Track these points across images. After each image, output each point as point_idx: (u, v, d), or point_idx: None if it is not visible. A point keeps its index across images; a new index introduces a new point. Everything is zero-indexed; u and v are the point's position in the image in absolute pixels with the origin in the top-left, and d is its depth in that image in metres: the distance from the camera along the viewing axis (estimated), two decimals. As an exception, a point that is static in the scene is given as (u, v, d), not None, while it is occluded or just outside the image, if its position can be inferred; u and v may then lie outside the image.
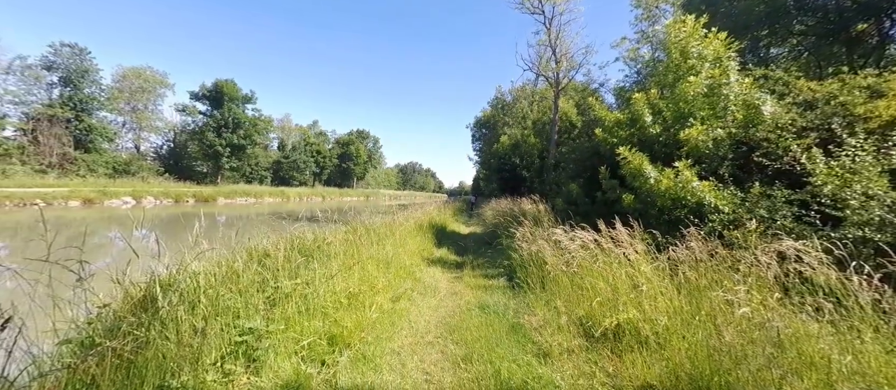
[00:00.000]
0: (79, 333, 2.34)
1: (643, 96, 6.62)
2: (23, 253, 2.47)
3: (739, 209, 4.47)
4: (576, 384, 3.00)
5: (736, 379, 2.33)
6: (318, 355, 3.37)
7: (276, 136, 62.45)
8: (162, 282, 3.10)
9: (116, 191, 25.62)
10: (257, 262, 4.57)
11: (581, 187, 8.71)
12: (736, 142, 5.19)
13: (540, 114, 25.78)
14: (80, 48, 34.86)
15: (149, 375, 2.22)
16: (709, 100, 5.69)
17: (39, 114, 30.66)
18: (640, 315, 3.50)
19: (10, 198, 19.05)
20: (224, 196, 34.10)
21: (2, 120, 28.93)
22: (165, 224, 15.35)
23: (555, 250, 5.52)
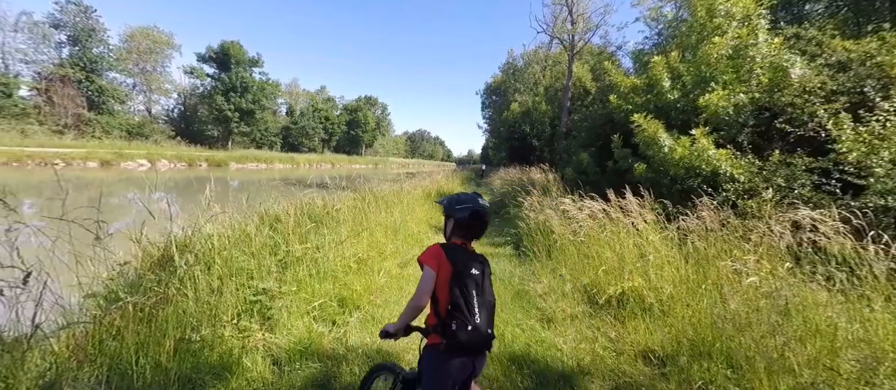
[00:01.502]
0: (103, 288, 2.47)
1: (662, 60, 6.30)
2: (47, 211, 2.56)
3: (756, 178, 4.34)
4: (578, 348, 3.08)
5: (738, 345, 2.36)
6: (329, 315, 3.50)
7: (284, 102, 62.00)
8: (178, 244, 3.20)
9: (132, 153, 26.11)
10: (269, 227, 4.68)
11: (592, 156, 8.55)
12: (758, 107, 4.95)
13: (552, 79, 24.89)
14: (86, 6, 34.29)
15: (170, 329, 2.35)
16: (733, 62, 5.38)
17: (51, 74, 30.68)
18: (645, 283, 3.52)
19: (31, 158, 19.61)
20: (236, 161, 34.52)
21: (15, 79, 29.14)
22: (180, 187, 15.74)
23: (562, 219, 5.52)
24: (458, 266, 1.47)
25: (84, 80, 32.76)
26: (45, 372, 1.75)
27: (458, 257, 1.49)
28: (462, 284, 1.45)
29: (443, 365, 1.47)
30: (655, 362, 2.75)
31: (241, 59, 43.38)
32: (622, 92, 7.20)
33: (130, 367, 2.08)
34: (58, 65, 31.72)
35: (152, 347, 2.22)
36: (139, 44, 40.91)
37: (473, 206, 1.57)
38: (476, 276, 1.49)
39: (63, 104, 30.31)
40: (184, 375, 2.21)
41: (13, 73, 30.08)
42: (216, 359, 2.42)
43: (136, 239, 3.27)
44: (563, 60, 21.47)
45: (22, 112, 27.35)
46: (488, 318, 1.49)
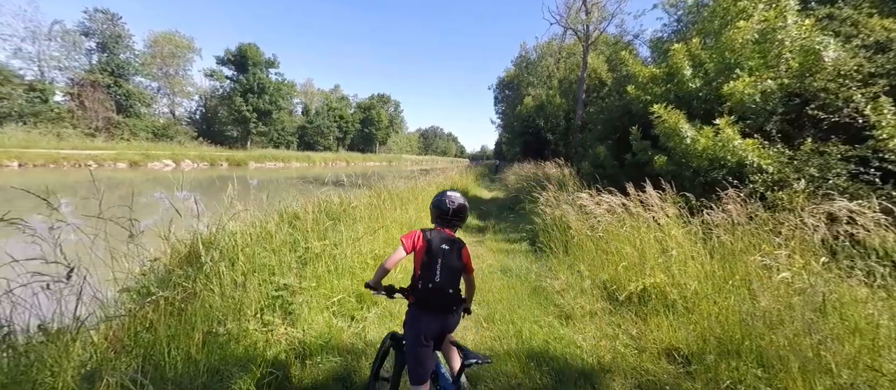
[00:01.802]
0: (136, 283, 2.58)
1: (683, 47, 6.09)
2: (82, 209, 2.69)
3: (786, 168, 4.16)
4: (598, 345, 3.03)
5: (769, 343, 2.28)
6: (348, 311, 3.56)
7: (299, 101, 63.04)
8: (204, 241, 3.31)
9: (158, 154, 27.16)
10: (288, 224, 4.79)
11: (609, 149, 8.37)
12: (788, 94, 4.72)
13: (567, 71, 24.42)
14: (112, 14, 35.69)
15: (198, 322, 2.43)
16: (760, 47, 5.14)
17: (83, 80, 32.16)
18: (667, 279, 3.43)
19: (67, 159, 20.65)
20: (255, 160, 35.41)
21: (51, 85, 30.62)
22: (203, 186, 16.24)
23: (579, 215, 5.43)
24: (431, 244, 1.85)
25: (112, 84, 34.20)
26: (87, 361, 1.85)
27: (432, 237, 1.87)
28: (430, 256, 1.83)
29: (415, 320, 1.85)
30: (680, 360, 2.68)
31: (257, 60, 44.34)
32: (640, 82, 6.99)
33: (163, 358, 2.17)
34: (88, 71, 33.22)
35: (183, 339, 2.30)
36: (162, 48, 42.32)
37: (436, 203, 2.00)
38: (444, 250, 1.85)
39: (94, 108, 31.74)
40: (212, 367, 2.29)
41: (48, 79, 31.58)
42: (242, 352, 2.50)
43: (165, 236, 3.40)
44: (578, 52, 21.03)
45: (57, 116, 28.78)
46: (449, 278, 1.84)
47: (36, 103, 27.69)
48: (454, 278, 1.87)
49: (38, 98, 28.31)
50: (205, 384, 2.17)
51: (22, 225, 1.99)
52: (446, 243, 1.87)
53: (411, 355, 1.84)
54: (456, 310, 1.90)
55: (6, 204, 7.91)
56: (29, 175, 17.11)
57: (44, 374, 1.70)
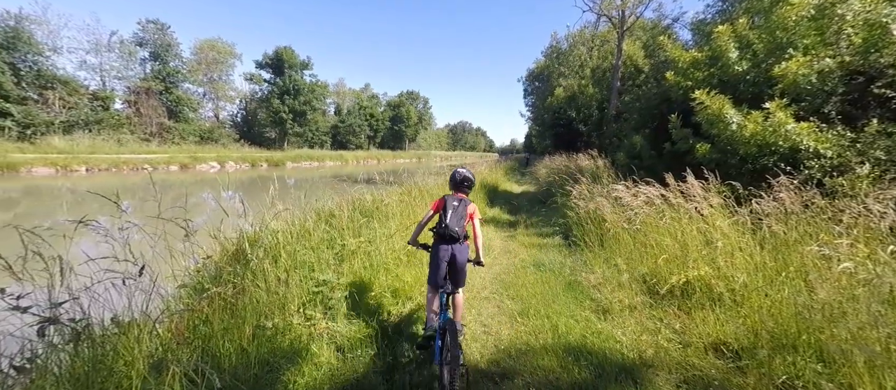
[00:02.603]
0: (191, 279, 2.81)
1: (729, 28, 5.69)
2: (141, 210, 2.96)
3: (847, 152, 3.81)
4: (639, 339, 2.95)
5: (830, 337, 2.12)
6: (385, 306, 3.67)
7: (332, 101, 64.99)
8: (249, 239, 3.53)
9: (204, 156, 29.01)
10: (325, 222, 4.99)
11: (646, 139, 8.01)
12: (849, 72, 4.31)
13: (600, 60, 23.50)
14: (162, 23, 38.35)
15: (248, 316, 2.61)
16: (816, 23, 4.72)
17: (138, 88, 34.86)
18: (713, 272, 3.27)
19: (126, 164, 22.58)
20: (291, 160, 36.95)
21: (111, 93, 33.46)
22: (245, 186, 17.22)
23: (615, 207, 5.26)
24: (446, 201, 2.81)
25: (164, 91, 36.73)
26: (154, 352, 2.04)
27: (447, 199, 2.82)
28: (444, 207, 2.79)
29: (435, 246, 2.82)
30: (729, 355, 2.55)
31: (293, 62, 46.08)
32: (680, 67, 6.62)
33: (219, 350, 2.35)
34: (143, 79, 35.84)
35: (235, 333, 2.48)
36: (206, 55, 44.93)
37: (450, 176, 3.05)
38: (454, 205, 2.78)
39: (148, 114, 34.30)
40: (261, 359, 2.45)
41: (109, 88, 34.49)
42: (288, 345, 2.66)
43: (215, 235, 3.66)
44: (612, 39, 20.18)
45: (117, 123, 31.35)
46: (456, 222, 2.72)
47: (99, 111, 30.31)
48: (460, 223, 2.75)
49: (101, 106, 30.99)
50: (256, 375, 2.33)
51: (95, 226, 2.22)
52: (456, 201, 2.82)
53: (432, 266, 2.82)
54: (462, 243, 2.78)
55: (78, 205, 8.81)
56: (95, 179, 18.89)
57: (118, 364, 1.90)
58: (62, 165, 19.62)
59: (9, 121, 23.15)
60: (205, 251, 3.18)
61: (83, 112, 28.66)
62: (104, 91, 33.03)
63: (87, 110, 29.19)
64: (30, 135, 24.04)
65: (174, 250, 2.74)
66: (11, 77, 23.87)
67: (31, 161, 18.92)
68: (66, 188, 15.41)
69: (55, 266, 1.88)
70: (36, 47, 26.66)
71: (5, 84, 23.11)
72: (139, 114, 33.83)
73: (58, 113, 26.92)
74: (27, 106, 24.69)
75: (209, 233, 3.61)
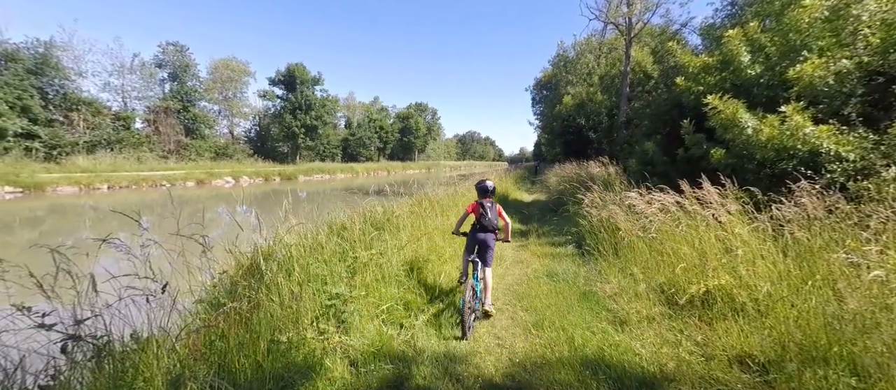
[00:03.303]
0: (207, 294, 2.84)
1: (739, 32, 5.63)
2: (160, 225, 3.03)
3: (871, 154, 3.68)
4: (659, 352, 2.86)
5: (863, 349, 2.02)
6: (397, 318, 3.65)
7: (342, 115, 66.13)
8: (263, 253, 3.57)
9: (220, 172, 29.77)
10: (337, 235, 5.03)
11: (658, 145, 7.89)
12: (868, 73, 4.20)
13: (608, 67, 23.39)
14: (181, 45, 39.90)
15: (263, 331, 2.63)
16: (831, 25, 4.63)
17: (158, 107, 36.12)
18: (734, 281, 3.17)
19: (145, 181, 23.28)
20: (303, 174, 37.56)
21: (133, 113, 34.74)
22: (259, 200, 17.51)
23: (628, 215, 5.17)
24: (482, 205, 3.96)
25: (182, 110, 38.00)
26: (172, 367, 2.07)
27: (482, 202, 3.98)
28: (482, 210, 3.94)
29: (473, 232, 4.02)
30: (755, 368, 2.45)
31: (304, 78, 47.23)
32: (691, 72, 6.55)
33: (235, 365, 2.36)
34: (162, 99, 37.19)
35: (250, 348, 2.50)
36: (221, 74, 46.40)
37: (478, 187, 4.16)
38: (487, 206, 3.95)
39: (167, 133, 35.46)
40: (276, 374, 2.45)
41: (130, 108, 35.83)
42: (302, 360, 2.65)
43: (230, 250, 3.72)
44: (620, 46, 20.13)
45: (137, 142, 32.49)
46: (492, 217, 3.93)
47: (120, 131, 31.48)
48: (493, 220, 3.95)
49: (122, 126, 32.17)
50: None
51: (117, 244, 2.28)
52: (488, 203, 3.98)
53: (468, 242, 4.08)
54: (493, 233, 3.96)
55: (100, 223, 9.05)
56: (116, 196, 19.49)
57: (138, 380, 1.92)
58: (85, 184, 20.34)
59: (37, 142, 24.15)
60: (220, 266, 3.23)
61: (106, 132, 29.79)
62: (126, 111, 34.31)
63: (110, 130, 30.32)
64: (56, 155, 25.02)
65: (191, 265, 2.79)
66: (39, 101, 24.98)
67: (57, 180, 19.66)
68: (88, 206, 15.91)
69: (81, 284, 1.93)
70: (62, 72, 27.94)
71: (34, 108, 24.19)
72: (158, 132, 35.00)
73: (82, 133, 28.02)
74: (54, 128, 25.77)
75: (225, 248, 3.67)
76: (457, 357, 3.05)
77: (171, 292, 2.33)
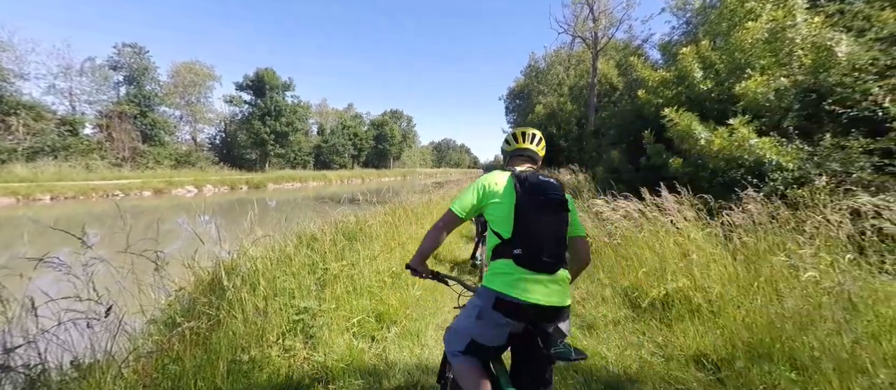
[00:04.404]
0: (161, 314, 2.67)
1: (692, 49, 6.06)
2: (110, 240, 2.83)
3: (806, 164, 4.04)
4: (623, 354, 2.96)
5: (801, 345, 2.19)
6: (368, 331, 3.57)
7: (314, 122, 64.67)
8: (226, 267, 3.41)
9: (180, 180, 28.05)
10: (306, 246, 4.88)
11: (623, 154, 8.29)
12: (803, 90, 4.62)
13: (577, 78, 24.39)
14: (139, 47, 37.64)
15: (223, 351, 2.49)
16: (770, 46, 5.08)
17: (111, 112, 33.74)
18: (690, 283, 3.35)
19: (95, 190, 21.56)
20: (273, 182, 36.22)
21: (81, 118, 32.26)
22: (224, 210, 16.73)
23: (596, 221, 5.36)
24: None
25: (139, 115, 35.77)
26: (119, 395, 1.92)
27: None
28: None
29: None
30: (709, 367, 2.59)
31: (274, 84, 45.90)
32: (651, 86, 6.96)
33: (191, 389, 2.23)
34: (116, 103, 34.85)
35: (208, 370, 2.36)
36: (184, 78, 44.21)
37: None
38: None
39: (121, 139, 33.20)
40: (237, 395, 2.33)
41: (79, 113, 33.31)
42: (265, 379, 2.54)
43: (189, 265, 3.52)
44: (587, 59, 21.02)
45: (87, 148, 30.15)
46: None
47: (66, 137, 29.15)
48: None
49: (69, 131, 29.83)
50: (230, 413, 2.21)
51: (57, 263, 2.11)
52: None
53: None
54: None
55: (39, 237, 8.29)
56: (59, 208, 17.96)
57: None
58: (24, 194, 18.60)
59: (-35, 149, 21.96)
60: (177, 282, 3.05)
61: (50, 138, 27.45)
62: (73, 116, 31.87)
63: (54, 136, 27.98)
64: (-10, 163, 22.85)
65: (144, 283, 2.62)
66: (-30, 104, 22.80)
67: (-11, 190, 17.92)
68: (27, 218, 14.59)
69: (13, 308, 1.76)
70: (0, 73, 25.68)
71: (-37, 111, 22.03)
72: (111, 138, 32.74)
73: (21, 139, 25.73)
74: (-13, 133, 23.56)
75: (183, 263, 3.47)
76: (430, 369, 3.03)
77: (119, 313, 2.17)
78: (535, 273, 1.38)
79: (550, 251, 1.39)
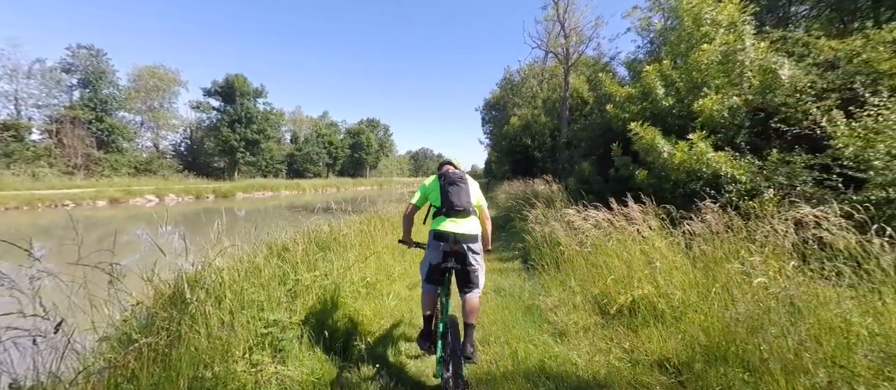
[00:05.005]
0: (116, 330, 2.50)
1: (655, 68, 6.43)
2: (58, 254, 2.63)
3: (757, 177, 4.36)
4: (592, 360, 3.04)
5: (753, 348, 2.34)
6: (341, 344, 3.50)
7: (288, 129, 63.11)
8: (189, 279, 3.25)
9: (140, 189, 26.43)
10: (277, 256, 4.73)
11: (593, 165, 8.60)
12: (753, 109, 5.01)
13: (550, 92, 25.18)
14: (97, 49, 35.53)
15: (184, 368, 2.36)
16: (723, 67, 5.49)
17: (62, 117, 31.50)
18: (655, 290, 3.50)
19: (42, 201, 19.90)
20: (242, 191, 34.84)
21: (28, 123, 29.97)
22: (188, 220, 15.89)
23: (568, 230, 5.51)
24: None
25: (94, 120, 33.63)
26: (65, 419, 1.78)
27: None
28: None
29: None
30: (672, 370, 2.71)
31: (245, 90, 44.57)
32: (618, 101, 7.31)
33: (146, 409, 2.10)
34: (69, 107, 32.64)
35: (167, 387, 2.23)
36: (146, 82, 42.10)
37: None
38: None
39: (73, 145, 31.03)
40: (198, 414, 2.21)
41: (25, 117, 30.96)
42: (229, 396, 2.43)
43: (148, 278, 3.33)
44: (559, 73, 21.81)
45: (34, 155, 28.01)
46: None
47: (9, 142, 26.98)
48: None
49: (12, 137, 27.62)
50: (190, 433, 2.09)
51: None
52: None
53: None
54: None
55: (-20, 251, 7.41)
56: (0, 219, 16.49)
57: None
58: (-44, 205, 17.00)
59: None
60: (135, 296, 2.87)
61: (-11, 144, 25.33)
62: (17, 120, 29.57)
63: (-6, 142, 25.86)
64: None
65: (97, 298, 2.45)
66: None
67: (-84, 200, 16.22)
68: (-36, 228, 13.29)
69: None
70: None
71: None
72: (62, 145, 30.53)
73: (-50, 145, 23.59)
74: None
75: (142, 276, 3.28)
76: (403, 379, 3.00)
77: (68, 330, 2.02)
78: (451, 217, 2.72)
79: (460, 205, 2.72)
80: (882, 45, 4.18)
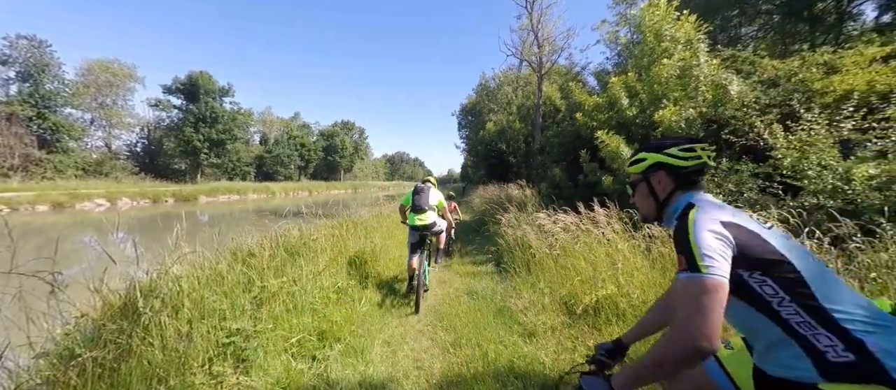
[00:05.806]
0: (56, 345, 2.31)
1: (620, 80, 6.76)
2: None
3: (709, 184, 4.66)
4: (558, 359, 3.13)
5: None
6: (309, 351, 3.40)
7: (257, 130, 60.80)
8: (143, 288, 3.06)
9: (89, 192, 24.47)
10: (242, 263, 4.54)
11: (564, 171, 8.88)
12: (706, 120, 5.37)
13: (524, 98, 25.81)
14: (39, 40, 32.69)
15: (134, 383, 2.21)
16: (681, 81, 5.85)
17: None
18: (617, 290, 3.65)
19: (-32, 206, 18.09)
20: (205, 194, 33.10)
21: None
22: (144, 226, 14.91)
23: (539, 234, 5.66)
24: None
25: (35, 117, 30.88)
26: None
27: None
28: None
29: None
30: (631, 367, 2.83)
31: (210, 88, 42.55)
32: (587, 110, 7.60)
33: (91, 428, 1.95)
34: (5, 102, 29.81)
35: (115, 403, 2.09)
36: (97, 77, 39.22)
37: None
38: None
39: (8, 144, 28.31)
40: (151, 430, 2.09)
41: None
42: (186, 410, 2.31)
43: (95, 288, 3.10)
44: (533, 81, 22.38)
45: (-43, 156, 25.37)
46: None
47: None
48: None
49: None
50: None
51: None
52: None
53: None
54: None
55: None
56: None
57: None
58: None
59: None
60: (79, 308, 2.67)
61: None
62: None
63: None
64: None
65: (34, 311, 2.25)
66: None
67: None
68: None
69: None
70: None
71: None
72: (-7, 144, 27.79)
73: None
74: None
75: (88, 286, 3.05)
76: (374, 385, 2.96)
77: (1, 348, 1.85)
78: (417, 214, 4.75)
79: (421, 206, 4.75)
80: (815, 67, 4.63)
